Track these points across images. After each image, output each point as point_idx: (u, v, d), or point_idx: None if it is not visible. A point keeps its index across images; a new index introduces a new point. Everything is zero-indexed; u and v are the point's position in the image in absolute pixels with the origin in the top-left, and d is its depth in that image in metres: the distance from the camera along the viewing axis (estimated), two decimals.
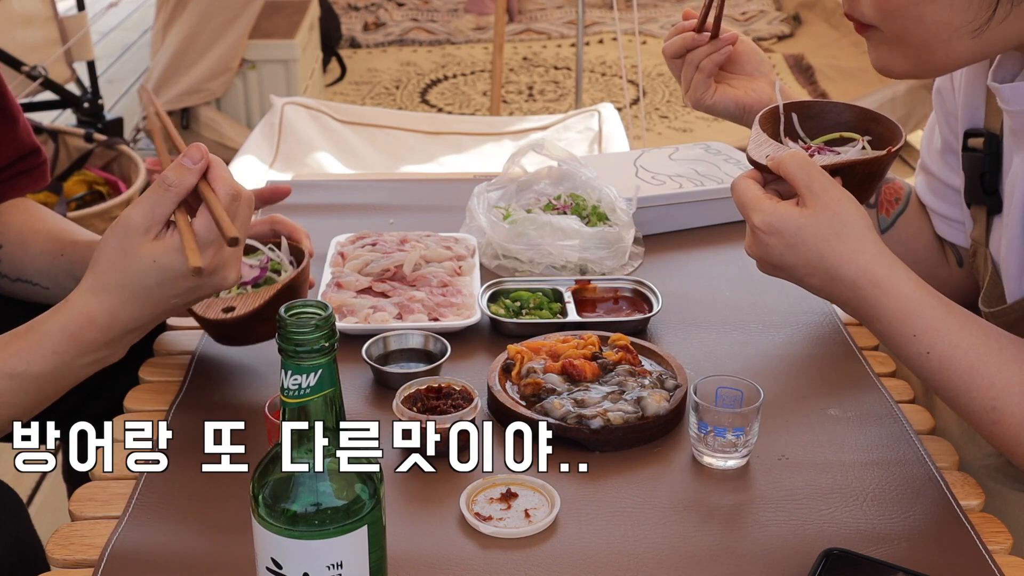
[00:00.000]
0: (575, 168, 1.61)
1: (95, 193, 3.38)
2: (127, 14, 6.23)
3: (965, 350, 1.00)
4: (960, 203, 1.24)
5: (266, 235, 1.30)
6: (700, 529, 1.00)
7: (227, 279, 1.05)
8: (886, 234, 1.32)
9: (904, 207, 1.32)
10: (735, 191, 1.05)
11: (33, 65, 3.58)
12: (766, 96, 1.30)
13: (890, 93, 4.07)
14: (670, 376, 1.18)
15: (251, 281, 1.23)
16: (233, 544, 0.95)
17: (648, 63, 4.94)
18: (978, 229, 1.19)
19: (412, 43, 5.43)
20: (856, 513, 1.02)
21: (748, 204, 1.02)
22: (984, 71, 1.17)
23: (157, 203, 1.01)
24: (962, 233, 1.28)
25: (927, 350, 1.00)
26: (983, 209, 1.18)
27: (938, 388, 1.03)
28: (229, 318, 1.15)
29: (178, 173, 1.02)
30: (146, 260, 1.01)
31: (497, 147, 3.08)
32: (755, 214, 1.01)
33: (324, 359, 0.73)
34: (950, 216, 1.28)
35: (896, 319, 1.00)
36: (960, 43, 1.00)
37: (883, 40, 1.04)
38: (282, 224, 1.30)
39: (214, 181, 1.03)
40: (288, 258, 1.26)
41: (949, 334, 1.00)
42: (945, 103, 1.25)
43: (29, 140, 1.35)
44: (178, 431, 1.12)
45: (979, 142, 1.16)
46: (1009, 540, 1.00)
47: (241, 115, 4.04)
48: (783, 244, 1.00)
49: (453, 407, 1.10)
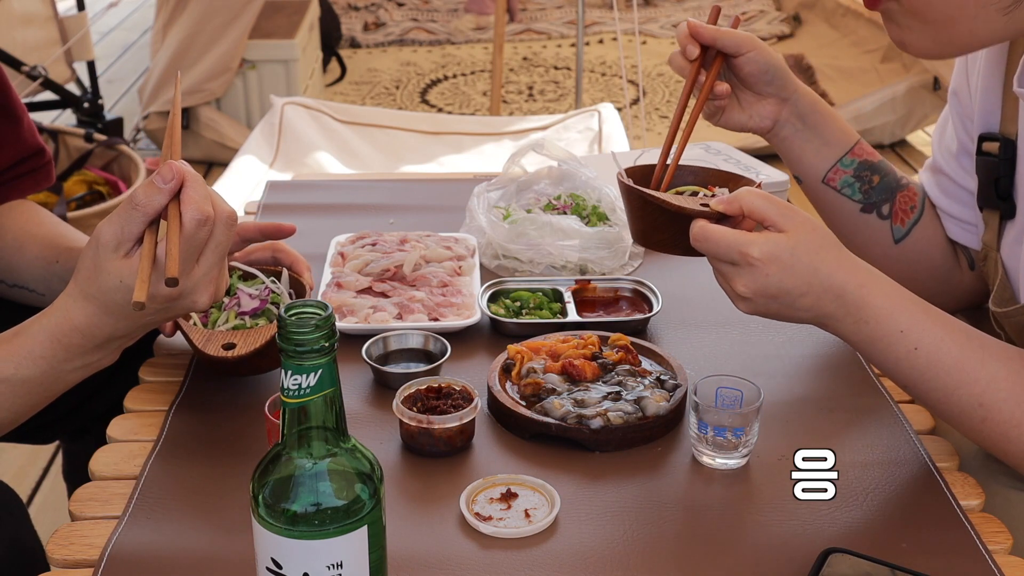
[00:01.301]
0: (575, 168, 1.61)
1: (95, 193, 3.39)
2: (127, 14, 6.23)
3: (950, 345, 1.01)
4: (973, 205, 1.24)
5: (267, 261, 1.29)
6: (700, 529, 1.00)
7: (197, 303, 1.01)
8: (900, 244, 1.29)
9: (919, 215, 1.30)
10: (712, 240, 1.02)
11: (33, 65, 3.58)
12: (769, 121, 1.25)
13: (890, 93, 4.07)
14: (670, 376, 1.18)
15: (250, 312, 1.21)
16: (233, 544, 0.95)
17: (648, 63, 4.94)
18: (990, 233, 1.19)
19: (412, 43, 5.43)
20: (856, 513, 1.02)
21: (738, 243, 1.00)
22: (1001, 75, 1.16)
23: (126, 221, 0.97)
24: (973, 235, 1.28)
25: (915, 346, 1.01)
26: (996, 213, 1.17)
27: (925, 390, 1.03)
28: (230, 356, 1.13)
29: (147, 192, 0.97)
30: (114, 278, 0.98)
31: (497, 147, 3.08)
32: (751, 247, 1.00)
33: (324, 359, 0.73)
34: (962, 218, 1.28)
35: (883, 316, 1.01)
36: (988, 21, 0.98)
37: (900, 13, 1.03)
38: (284, 253, 1.29)
39: (184, 203, 0.97)
40: (288, 290, 1.25)
41: (933, 329, 1.01)
42: (962, 105, 1.25)
43: (34, 141, 1.35)
44: (178, 431, 1.13)
45: (994, 146, 1.16)
46: (1009, 540, 1.00)
47: (241, 115, 4.04)
48: (782, 269, 1.00)
49: (453, 407, 1.10)
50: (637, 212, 1.12)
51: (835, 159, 1.27)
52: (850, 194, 1.27)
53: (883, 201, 1.29)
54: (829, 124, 1.27)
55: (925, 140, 4.33)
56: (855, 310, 1.01)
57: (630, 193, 1.11)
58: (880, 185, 1.28)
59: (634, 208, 1.12)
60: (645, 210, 1.09)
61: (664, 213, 1.07)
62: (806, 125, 1.25)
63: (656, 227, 1.10)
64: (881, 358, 1.04)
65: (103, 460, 1.09)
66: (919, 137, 4.33)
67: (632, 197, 1.11)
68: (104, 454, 1.10)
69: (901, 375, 1.04)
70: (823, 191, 1.29)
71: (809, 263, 1.00)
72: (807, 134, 1.26)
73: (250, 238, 1.28)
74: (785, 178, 1.68)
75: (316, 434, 0.75)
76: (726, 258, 1.01)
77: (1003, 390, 1.00)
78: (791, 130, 1.25)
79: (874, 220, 1.29)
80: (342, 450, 0.76)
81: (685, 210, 1.06)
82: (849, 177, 1.27)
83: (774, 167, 1.72)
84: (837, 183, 1.27)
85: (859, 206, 1.28)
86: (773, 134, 1.26)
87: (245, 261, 1.28)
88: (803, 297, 1.01)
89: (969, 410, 1.01)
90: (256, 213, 1.70)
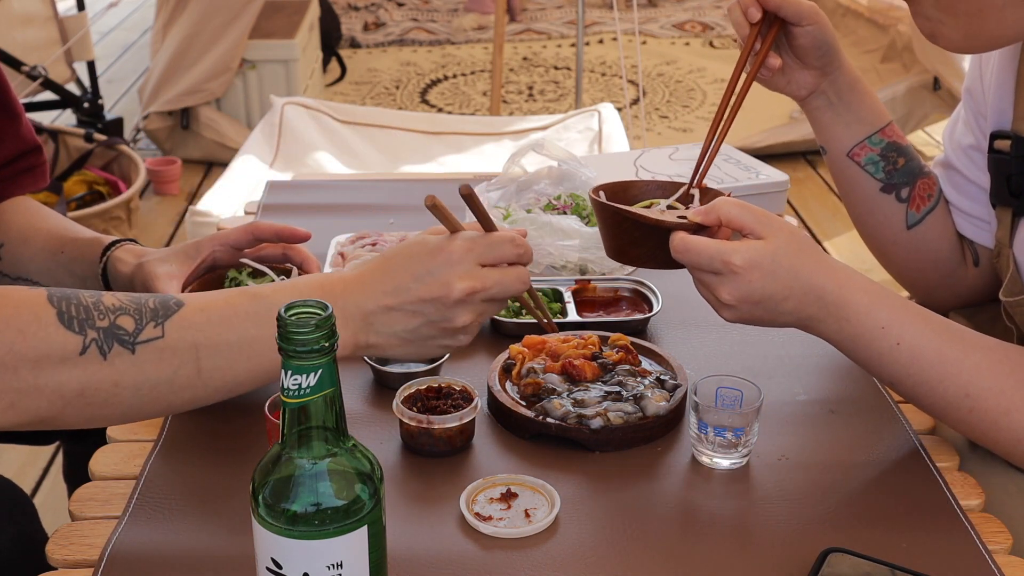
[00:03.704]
0: (575, 168, 1.61)
1: (95, 193, 3.39)
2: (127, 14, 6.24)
3: (931, 337, 1.03)
4: (983, 201, 1.25)
5: (277, 258, 1.30)
6: (700, 529, 1.00)
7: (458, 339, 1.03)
8: (912, 231, 1.31)
9: (935, 204, 1.31)
10: (694, 251, 1.02)
11: (33, 65, 3.58)
12: (805, 91, 1.26)
13: (890, 93, 4.07)
14: (670, 376, 1.18)
15: None
16: (233, 544, 0.95)
17: (648, 63, 4.94)
18: (1002, 230, 1.19)
19: (412, 43, 5.43)
20: (856, 513, 1.02)
21: (720, 252, 1.01)
22: (1014, 73, 1.17)
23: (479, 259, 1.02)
24: (983, 231, 1.28)
25: (897, 341, 1.02)
26: (1008, 211, 1.18)
27: (911, 385, 1.04)
28: None
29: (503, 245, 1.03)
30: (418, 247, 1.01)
31: (497, 147, 3.08)
32: (734, 256, 1.00)
33: (324, 359, 0.73)
34: (973, 213, 1.29)
35: (864, 313, 1.02)
36: (1014, 11, 0.99)
37: (930, 6, 1.04)
38: (295, 251, 1.30)
39: None
40: None
41: (914, 323, 1.03)
42: (975, 103, 1.25)
43: (31, 137, 1.36)
44: (178, 431, 1.13)
45: (1006, 144, 1.16)
46: (1009, 540, 1.00)
47: (241, 115, 4.04)
48: (763, 275, 1.01)
49: (453, 407, 1.10)
50: (612, 229, 1.11)
51: (864, 136, 1.28)
52: (872, 171, 1.29)
53: (903, 184, 1.30)
54: (865, 102, 1.28)
55: (925, 140, 4.33)
56: (835, 309, 1.03)
57: (604, 210, 1.11)
58: (904, 168, 1.30)
59: (609, 225, 1.11)
60: (622, 226, 1.09)
61: (640, 227, 1.08)
62: (841, 100, 1.27)
63: (633, 242, 1.10)
64: (865, 356, 1.04)
65: (103, 460, 1.09)
66: (919, 137, 4.33)
67: (607, 214, 1.10)
68: (104, 454, 1.10)
69: (887, 372, 1.05)
70: (846, 164, 1.30)
71: (790, 267, 1.01)
72: (841, 108, 1.27)
73: (264, 238, 1.29)
74: (785, 178, 1.68)
75: (316, 434, 0.75)
76: (708, 268, 1.02)
77: (987, 379, 1.01)
78: (825, 102, 1.27)
79: (891, 201, 1.30)
80: (342, 450, 0.76)
81: (663, 223, 1.06)
82: (875, 155, 1.29)
83: (774, 167, 1.72)
84: (862, 159, 1.29)
85: (879, 184, 1.30)
86: (807, 102, 1.28)
87: (255, 258, 1.30)
88: (785, 301, 1.02)
89: (956, 401, 1.03)
90: (256, 213, 1.70)
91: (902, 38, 4.32)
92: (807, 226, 3.34)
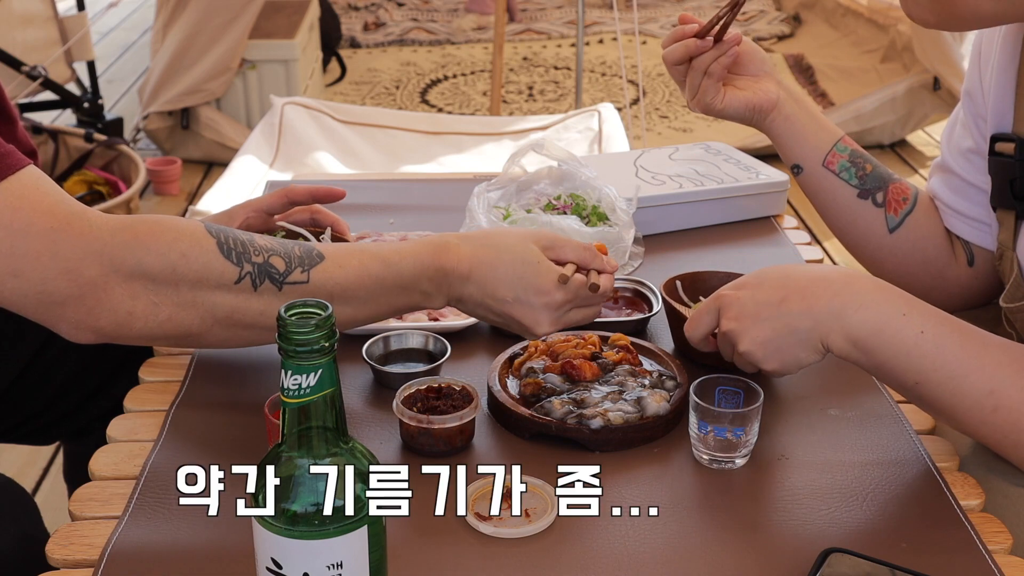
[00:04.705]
0: (575, 168, 1.61)
1: (95, 193, 3.38)
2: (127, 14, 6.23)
3: (951, 328, 1.00)
4: (983, 203, 1.25)
5: (305, 223, 1.36)
6: (700, 529, 1.00)
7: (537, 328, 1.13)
8: (895, 234, 1.34)
9: (912, 207, 1.33)
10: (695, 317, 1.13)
11: (33, 65, 3.58)
12: (774, 95, 1.31)
13: (890, 93, 4.07)
14: (670, 376, 1.18)
15: None
16: (233, 544, 0.95)
17: (648, 63, 4.94)
18: (1005, 233, 1.19)
19: (412, 43, 5.43)
20: (856, 513, 1.02)
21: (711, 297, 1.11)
22: (1013, 75, 1.17)
23: None
24: (983, 233, 1.28)
25: (921, 329, 0.99)
26: (1011, 214, 1.18)
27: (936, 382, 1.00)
28: None
29: None
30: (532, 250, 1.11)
31: (497, 147, 3.08)
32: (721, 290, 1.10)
33: (324, 359, 0.73)
34: (971, 215, 1.29)
35: (883, 301, 1.01)
36: None
37: None
38: (323, 214, 1.36)
39: None
40: None
41: (929, 311, 1.02)
42: (975, 105, 1.25)
43: (27, 142, 1.35)
44: (178, 431, 1.13)
45: (1008, 147, 1.16)
46: (1009, 540, 1.00)
47: (241, 115, 4.03)
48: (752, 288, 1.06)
49: (453, 407, 1.10)
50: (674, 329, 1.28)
51: (831, 143, 1.34)
52: (847, 178, 1.33)
53: (877, 189, 1.34)
54: (817, 112, 1.37)
55: (925, 140, 4.33)
56: (851, 299, 1.01)
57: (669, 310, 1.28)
58: (873, 173, 1.34)
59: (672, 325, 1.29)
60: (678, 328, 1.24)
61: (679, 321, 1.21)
62: (802, 108, 1.34)
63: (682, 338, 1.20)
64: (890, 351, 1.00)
65: (103, 460, 1.09)
66: (919, 137, 4.32)
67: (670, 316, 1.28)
68: (104, 454, 1.10)
69: (913, 367, 1.00)
70: (823, 176, 1.34)
71: (777, 276, 1.05)
72: (804, 116, 1.34)
73: (298, 201, 1.34)
74: (785, 178, 1.68)
75: (316, 434, 0.75)
76: (708, 312, 1.10)
77: (1010, 375, 0.98)
78: (791, 110, 1.33)
79: (870, 207, 1.34)
80: (342, 450, 0.76)
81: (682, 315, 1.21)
82: (845, 162, 1.33)
83: (774, 167, 1.72)
84: (836, 166, 1.33)
85: (856, 191, 1.34)
86: (778, 111, 1.33)
87: None
88: (784, 302, 1.02)
89: (979, 397, 0.99)
90: None
91: (902, 38, 4.32)
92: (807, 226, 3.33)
